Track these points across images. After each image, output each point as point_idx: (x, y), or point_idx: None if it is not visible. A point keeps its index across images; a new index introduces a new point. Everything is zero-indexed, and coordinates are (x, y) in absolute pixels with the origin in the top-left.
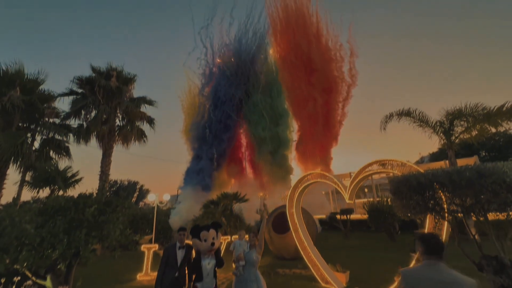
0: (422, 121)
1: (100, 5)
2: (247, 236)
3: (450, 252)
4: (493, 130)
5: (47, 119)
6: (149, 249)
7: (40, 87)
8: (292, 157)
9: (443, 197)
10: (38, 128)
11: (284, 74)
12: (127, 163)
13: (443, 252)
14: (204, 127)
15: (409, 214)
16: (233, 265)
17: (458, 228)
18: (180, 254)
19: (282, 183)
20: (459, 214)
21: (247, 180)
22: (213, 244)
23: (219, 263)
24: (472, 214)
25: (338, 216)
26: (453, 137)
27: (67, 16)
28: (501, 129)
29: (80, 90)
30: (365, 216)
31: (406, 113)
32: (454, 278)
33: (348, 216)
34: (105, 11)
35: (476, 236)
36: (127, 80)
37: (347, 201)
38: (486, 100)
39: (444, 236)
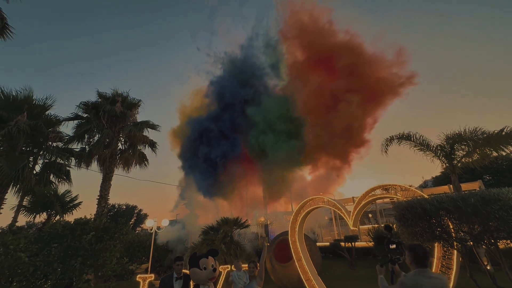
0: (423, 145)
1: (110, 30)
2: (245, 266)
3: (462, 283)
4: (495, 154)
5: (50, 143)
6: (145, 279)
7: (47, 112)
8: (304, 174)
9: (450, 224)
10: (41, 152)
11: (300, 82)
12: (127, 187)
13: (429, 260)
14: (205, 128)
15: (416, 242)
16: None
17: (469, 257)
18: (177, 285)
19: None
20: (469, 242)
21: (249, 197)
22: (215, 269)
23: None
24: (481, 242)
25: (342, 244)
26: (455, 161)
27: (79, 45)
28: (503, 153)
29: (85, 115)
30: (371, 244)
31: (406, 137)
32: (442, 279)
33: (353, 243)
34: (114, 36)
35: (489, 266)
36: (132, 105)
37: (351, 227)
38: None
39: (454, 266)
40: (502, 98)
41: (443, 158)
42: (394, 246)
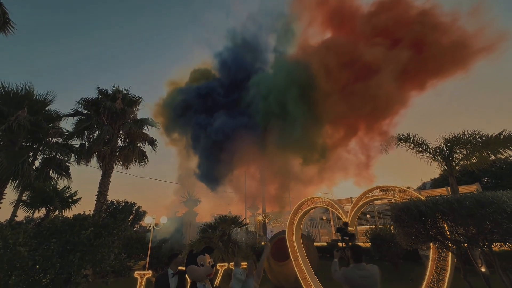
0: (421, 146)
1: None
2: (244, 264)
3: (456, 285)
4: (493, 157)
5: (50, 138)
6: (142, 275)
7: (47, 108)
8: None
9: (445, 226)
10: (41, 148)
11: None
12: (126, 184)
13: (363, 256)
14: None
15: (411, 244)
16: None
17: (465, 260)
18: (173, 282)
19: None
20: (464, 245)
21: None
22: (213, 266)
23: None
24: (476, 244)
25: (339, 244)
26: (453, 164)
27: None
28: (501, 156)
29: (85, 111)
30: (368, 244)
31: (405, 139)
32: (371, 270)
33: (350, 244)
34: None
35: (483, 268)
36: (132, 102)
37: (348, 228)
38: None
39: (448, 268)
40: (502, 100)
41: (441, 160)
42: (347, 238)
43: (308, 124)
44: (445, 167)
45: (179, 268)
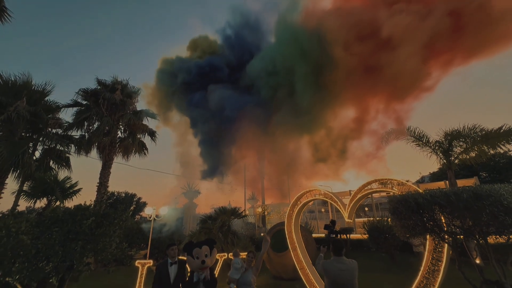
0: (421, 140)
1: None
2: (243, 254)
3: (451, 276)
4: (492, 151)
5: (50, 129)
6: (143, 264)
7: (46, 98)
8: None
9: (442, 218)
10: (41, 138)
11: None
12: (126, 175)
13: (343, 250)
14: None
15: (408, 235)
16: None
17: (461, 252)
18: (172, 270)
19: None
20: (460, 237)
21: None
22: (203, 262)
23: (211, 282)
24: (472, 236)
25: (338, 237)
26: (453, 158)
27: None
28: (500, 151)
29: (84, 102)
30: (366, 236)
31: (406, 132)
32: (349, 264)
33: (348, 235)
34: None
35: (478, 260)
36: (131, 94)
37: (346, 220)
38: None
39: (444, 259)
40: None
41: (440, 154)
42: (334, 235)
43: (315, 101)
44: (444, 160)
45: (180, 257)
